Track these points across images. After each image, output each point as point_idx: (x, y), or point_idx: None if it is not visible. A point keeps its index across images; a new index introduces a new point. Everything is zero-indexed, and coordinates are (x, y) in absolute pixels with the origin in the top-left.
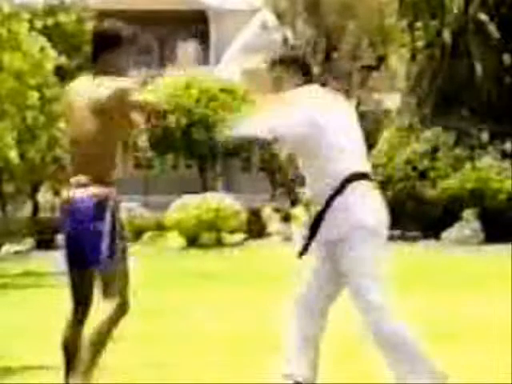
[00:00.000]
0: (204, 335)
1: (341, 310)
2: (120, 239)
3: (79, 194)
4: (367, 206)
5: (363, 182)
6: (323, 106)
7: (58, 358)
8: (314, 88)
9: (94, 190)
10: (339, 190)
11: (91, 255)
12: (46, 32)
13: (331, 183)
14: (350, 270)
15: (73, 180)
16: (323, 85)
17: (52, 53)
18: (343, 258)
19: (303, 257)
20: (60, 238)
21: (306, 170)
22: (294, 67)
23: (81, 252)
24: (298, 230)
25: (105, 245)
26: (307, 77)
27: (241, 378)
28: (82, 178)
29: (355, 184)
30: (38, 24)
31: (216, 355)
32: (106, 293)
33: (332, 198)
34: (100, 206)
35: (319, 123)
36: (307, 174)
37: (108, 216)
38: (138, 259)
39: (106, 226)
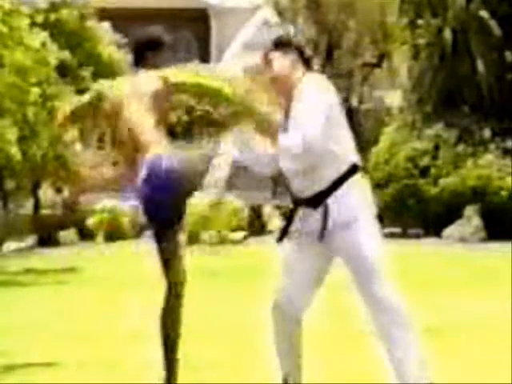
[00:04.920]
0: (204, 332)
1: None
2: None
3: None
4: (366, 197)
5: (359, 174)
6: (329, 95)
7: (60, 355)
8: (318, 77)
9: None
10: (345, 177)
11: None
12: (46, 29)
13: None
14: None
15: None
16: None
17: (54, 47)
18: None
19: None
20: (62, 235)
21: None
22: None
23: None
24: None
25: None
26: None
27: (241, 376)
28: None
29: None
30: (39, 19)
31: (216, 352)
32: None
33: (338, 182)
34: None
35: (330, 114)
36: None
37: None
38: (140, 256)
39: None
